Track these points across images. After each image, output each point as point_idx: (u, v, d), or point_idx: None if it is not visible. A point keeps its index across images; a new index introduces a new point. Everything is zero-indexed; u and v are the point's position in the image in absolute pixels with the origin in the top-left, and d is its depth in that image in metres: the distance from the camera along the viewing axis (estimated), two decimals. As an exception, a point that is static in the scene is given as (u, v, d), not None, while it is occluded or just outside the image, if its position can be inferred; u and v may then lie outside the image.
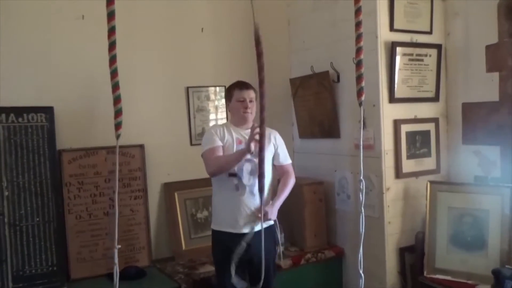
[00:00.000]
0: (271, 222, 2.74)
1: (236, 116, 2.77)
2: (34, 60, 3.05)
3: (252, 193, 2.64)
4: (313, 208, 3.47)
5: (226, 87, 2.87)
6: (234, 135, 2.71)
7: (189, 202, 3.52)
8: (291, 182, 2.84)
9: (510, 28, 2.88)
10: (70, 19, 3.14)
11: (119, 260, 3.02)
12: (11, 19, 2.97)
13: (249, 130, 2.70)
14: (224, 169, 2.60)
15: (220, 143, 2.67)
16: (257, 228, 2.63)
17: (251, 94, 2.74)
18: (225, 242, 2.64)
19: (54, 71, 3.11)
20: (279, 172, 2.86)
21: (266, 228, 2.67)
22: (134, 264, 3.18)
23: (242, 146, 2.64)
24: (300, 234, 3.47)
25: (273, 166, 2.83)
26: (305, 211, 3.43)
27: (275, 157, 2.82)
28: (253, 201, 2.64)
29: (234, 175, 2.63)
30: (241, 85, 2.75)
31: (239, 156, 2.53)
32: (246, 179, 2.63)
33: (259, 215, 2.53)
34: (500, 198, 2.84)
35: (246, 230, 2.62)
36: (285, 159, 2.87)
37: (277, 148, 2.82)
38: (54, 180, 3.01)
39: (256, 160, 2.67)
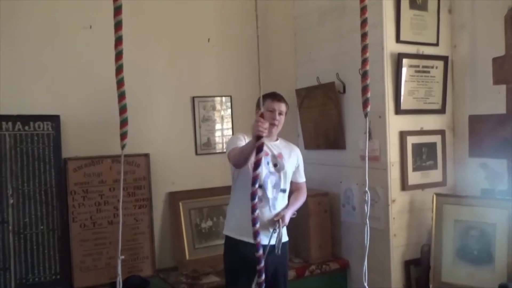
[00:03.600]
0: (285, 239, 2.73)
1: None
2: (41, 68, 3.07)
3: (274, 207, 2.64)
4: (318, 219, 3.45)
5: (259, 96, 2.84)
6: None
7: (194, 212, 3.51)
8: (303, 198, 2.85)
9: (517, 40, 2.88)
10: (78, 28, 3.17)
11: (123, 269, 3.05)
12: (18, 27, 3.00)
13: (274, 143, 2.75)
14: (241, 160, 2.51)
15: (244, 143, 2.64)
16: (272, 241, 2.61)
17: (281, 107, 2.73)
18: (240, 250, 2.62)
19: (61, 80, 3.13)
20: (294, 188, 2.85)
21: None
22: (137, 274, 3.16)
23: (268, 158, 2.67)
24: (305, 246, 3.45)
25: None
26: (310, 222, 3.41)
27: (294, 173, 2.83)
28: (273, 215, 2.63)
29: (260, 186, 2.61)
30: (274, 96, 2.73)
31: (251, 144, 2.47)
32: (269, 192, 2.63)
33: (274, 218, 2.60)
34: (507, 212, 2.81)
35: (262, 241, 2.60)
36: (302, 177, 2.89)
37: (298, 164, 2.85)
38: (59, 188, 3.02)
39: (280, 174, 2.68)
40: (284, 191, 2.72)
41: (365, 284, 1.94)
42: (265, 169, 2.64)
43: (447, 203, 3.05)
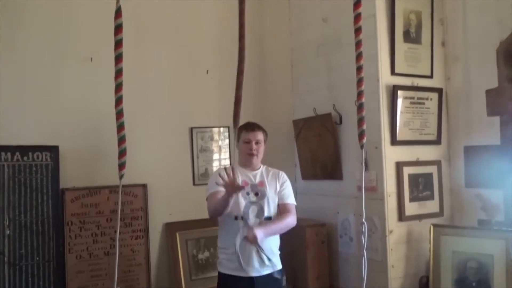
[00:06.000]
0: (277, 267, 2.70)
1: (242, 157, 2.78)
2: (40, 99, 3.11)
3: None
4: (315, 250, 3.43)
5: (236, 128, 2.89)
6: (240, 177, 2.69)
7: (191, 242, 3.49)
8: (289, 220, 2.70)
9: (509, 73, 2.92)
10: (79, 60, 3.22)
11: (118, 301, 3.01)
12: (19, 58, 3.05)
13: (255, 172, 2.74)
14: (217, 213, 2.58)
15: (222, 188, 2.63)
16: (264, 272, 2.60)
17: (257, 136, 2.74)
18: (230, 285, 2.61)
19: (60, 111, 3.16)
20: (281, 211, 2.75)
21: (271, 274, 2.64)
22: (133, 306, 3.13)
23: (248, 188, 2.65)
24: (302, 277, 3.42)
25: (278, 206, 2.77)
26: (308, 253, 3.39)
27: (278, 195, 2.75)
28: (260, 244, 2.58)
29: (240, 218, 2.61)
30: (248, 127, 2.76)
31: (223, 199, 2.49)
32: (252, 222, 2.61)
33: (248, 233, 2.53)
34: (504, 243, 2.80)
35: (253, 273, 2.57)
36: (288, 198, 2.76)
37: (282, 186, 2.77)
38: (56, 218, 3.01)
39: (261, 202, 2.66)
40: (269, 218, 2.67)
41: (363, 317, 1.93)
42: (243, 201, 2.63)
43: (445, 234, 3.04)
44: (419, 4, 3.25)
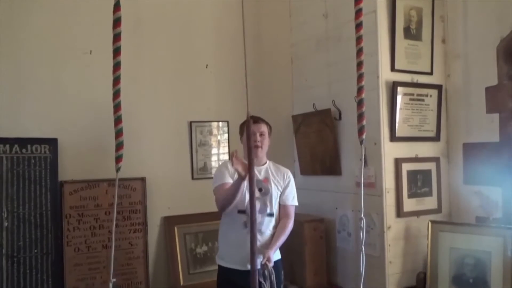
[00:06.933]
0: (278, 257, 2.71)
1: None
2: (40, 92, 3.10)
3: (260, 231, 2.62)
4: (313, 245, 3.43)
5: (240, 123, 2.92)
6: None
7: (189, 236, 3.49)
8: (289, 227, 2.74)
9: (509, 71, 2.92)
10: (78, 53, 3.21)
11: (116, 294, 3.02)
12: (19, 51, 3.04)
13: (261, 167, 2.74)
14: (229, 202, 2.56)
15: (229, 180, 2.65)
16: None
17: (261, 128, 2.73)
18: (231, 278, 2.62)
19: (59, 103, 3.15)
20: (281, 212, 2.77)
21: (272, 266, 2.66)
22: (131, 299, 3.14)
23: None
24: (300, 272, 3.43)
25: (279, 206, 2.78)
26: (306, 248, 3.40)
27: (281, 195, 2.77)
28: (260, 239, 2.59)
29: (243, 211, 2.61)
30: (251, 119, 2.76)
31: (236, 184, 2.50)
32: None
33: (262, 255, 2.52)
34: (502, 240, 2.81)
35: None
36: (290, 200, 2.78)
37: (286, 186, 2.79)
38: (55, 211, 3.01)
39: (264, 198, 2.67)
40: (271, 215, 2.69)
41: (361, 312, 1.94)
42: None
43: (442, 231, 3.05)
44: (420, 1, 3.24)
